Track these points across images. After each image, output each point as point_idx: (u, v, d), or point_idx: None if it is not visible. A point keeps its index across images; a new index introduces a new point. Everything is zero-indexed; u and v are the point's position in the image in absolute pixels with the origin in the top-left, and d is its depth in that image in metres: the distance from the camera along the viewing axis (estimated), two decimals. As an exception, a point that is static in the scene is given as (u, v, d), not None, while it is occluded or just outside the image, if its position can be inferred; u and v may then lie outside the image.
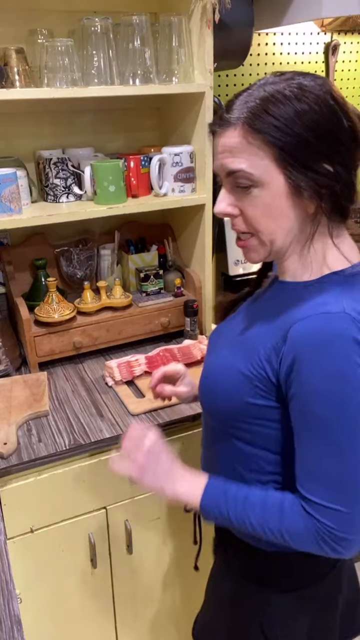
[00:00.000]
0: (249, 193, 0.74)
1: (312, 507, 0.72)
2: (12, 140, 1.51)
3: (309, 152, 0.70)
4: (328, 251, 0.77)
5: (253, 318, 0.85)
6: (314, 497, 0.72)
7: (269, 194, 0.73)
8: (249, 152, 0.72)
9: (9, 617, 0.80)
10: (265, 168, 0.72)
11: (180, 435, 1.27)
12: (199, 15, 1.32)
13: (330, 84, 0.73)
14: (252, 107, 0.71)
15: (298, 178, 0.71)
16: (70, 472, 1.17)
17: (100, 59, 1.29)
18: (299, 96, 0.70)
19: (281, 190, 0.72)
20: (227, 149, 0.74)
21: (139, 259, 1.61)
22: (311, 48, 1.84)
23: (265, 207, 0.74)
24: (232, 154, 0.73)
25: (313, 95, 0.70)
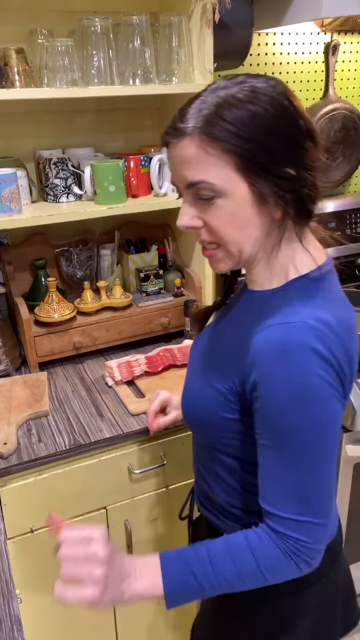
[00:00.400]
0: (213, 204, 0.71)
1: (282, 524, 0.70)
2: (12, 140, 1.51)
3: (270, 158, 0.68)
4: (296, 255, 0.76)
5: (223, 330, 0.84)
6: (284, 513, 0.70)
7: (232, 203, 0.71)
8: (209, 162, 0.69)
9: (9, 617, 0.80)
10: (226, 177, 0.69)
11: (180, 435, 1.27)
12: (199, 15, 1.32)
13: (284, 85, 0.71)
14: (207, 115, 0.68)
15: (261, 185, 0.69)
16: (70, 472, 1.17)
17: (100, 59, 1.29)
18: (253, 99, 0.68)
19: (245, 198, 0.70)
20: (185, 160, 0.70)
21: (139, 259, 1.61)
22: (311, 48, 1.84)
23: (230, 217, 0.72)
24: (191, 165, 0.70)
25: (267, 97, 0.68)
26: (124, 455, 1.22)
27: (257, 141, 0.67)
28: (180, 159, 0.71)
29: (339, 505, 1.43)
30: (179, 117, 0.71)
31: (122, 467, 1.22)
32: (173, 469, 1.29)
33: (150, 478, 1.27)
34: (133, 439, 1.21)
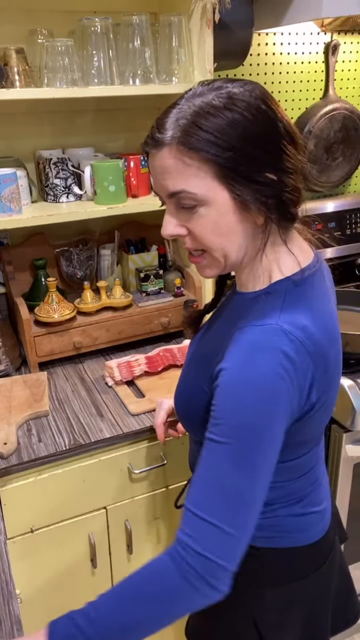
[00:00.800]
0: (195, 212, 0.71)
1: (195, 529, 0.66)
2: (12, 140, 1.51)
3: (250, 164, 0.68)
4: (281, 258, 0.76)
5: (211, 332, 0.86)
6: (206, 514, 0.65)
7: (215, 211, 0.71)
8: (188, 172, 0.69)
9: (9, 617, 0.80)
10: (207, 186, 0.69)
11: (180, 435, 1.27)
12: (199, 15, 1.32)
13: (261, 88, 0.71)
14: (184, 125, 0.68)
15: (243, 192, 0.69)
16: (70, 472, 1.17)
17: (100, 59, 1.29)
18: (229, 105, 0.67)
19: (227, 206, 0.70)
20: (165, 170, 0.70)
21: (139, 259, 1.61)
22: (311, 48, 1.84)
23: (213, 225, 0.72)
24: (171, 175, 0.70)
25: (244, 103, 0.67)
26: (124, 455, 1.22)
27: (235, 149, 0.67)
28: (160, 169, 0.71)
29: (338, 506, 1.43)
30: (156, 127, 0.71)
31: (122, 467, 1.22)
32: (173, 469, 1.29)
33: (150, 478, 1.27)
34: (133, 439, 1.21)
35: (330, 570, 0.93)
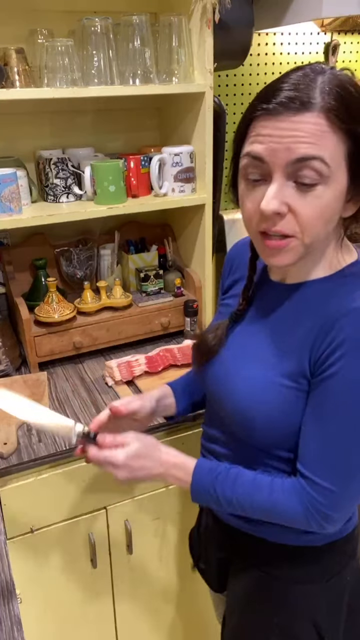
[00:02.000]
0: (311, 191, 0.68)
1: (309, 484, 0.75)
2: (12, 140, 1.51)
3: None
4: (344, 245, 0.78)
5: (270, 327, 0.82)
6: (315, 476, 0.74)
7: (331, 194, 0.68)
8: (331, 142, 0.66)
9: (9, 617, 0.80)
10: (338, 162, 0.67)
11: (180, 435, 1.27)
12: (199, 15, 1.32)
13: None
14: (337, 95, 0.66)
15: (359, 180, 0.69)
16: (70, 472, 1.17)
17: (100, 59, 1.29)
18: (358, 89, 0.69)
19: (342, 191, 0.69)
20: (304, 134, 0.66)
21: (139, 259, 1.61)
22: (311, 48, 1.84)
23: (323, 209, 0.69)
24: (310, 139, 0.66)
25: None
26: (124, 455, 1.22)
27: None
28: (297, 132, 0.66)
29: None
30: (296, 89, 0.67)
31: (122, 467, 1.22)
32: (173, 469, 1.29)
33: (150, 478, 1.27)
34: (133, 439, 1.21)
35: (344, 579, 0.91)
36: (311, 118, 0.66)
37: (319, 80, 0.68)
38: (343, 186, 0.69)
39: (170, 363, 1.41)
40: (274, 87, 0.69)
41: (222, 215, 1.79)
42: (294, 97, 0.67)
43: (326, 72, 0.69)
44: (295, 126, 0.66)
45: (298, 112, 0.66)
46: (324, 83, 0.67)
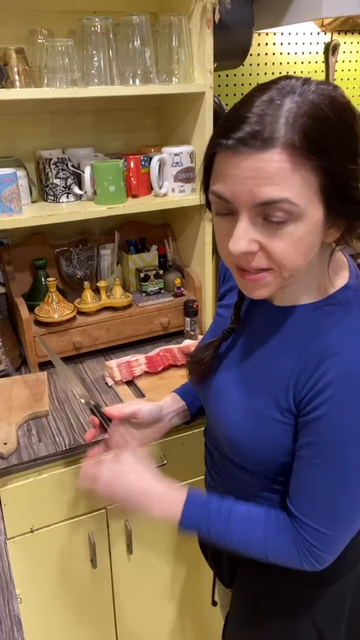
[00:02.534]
0: (282, 228, 0.63)
1: (299, 524, 0.74)
2: (12, 140, 1.51)
3: (351, 178, 0.63)
4: (336, 267, 0.75)
5: (261, 352, 0.80)
6: (305, 518, 0.73)
7: (304, 228, 0.64)
8: (296, 180, 0.61)
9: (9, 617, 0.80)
10: (309, 199, 0.62)
11: (180, 435, 1.27)
12: (199, 15, 1.32)
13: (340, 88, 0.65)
14: (305, 127, 0.60)
15: (338, 210, 0.64)
16: (70, 472, 1.17)
17: (100, 59, 1.29)
18: (335, 110, 0.62)
19: (318, 224, 0.64)
20: (267, 174, 0.61)
21: (139, 259, 1.61)
22: (311, 48, 1.84)
23: (296, 243, 0.64)
24: (274, 180, 0.61)
25: (342, 108, 0.62)
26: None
27: (347, 161, 0.62)
28: (260, 172, 0.61)
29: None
30: (259, 123, 0.61)
31: (122, 467, 1.22)
32: (173, 469, 1.29)
33: (150, 478, 1.27)
34: (133, 439, 1.21)
35: (347, 585, 0.91)
36: (274, 155, 0.60)
37: (285, 107, 0.60)
38: (318, 218, 0.64)
39: (170, 363, 1.41)
40: (234, 117, 0.62)
41: (222, 215, 1.79)
42: (255, 133, 0.60)
43: (296, 92, 0.62)
44: (257, 165, 0.61)
45: (260, 150, 0.60)
46: (290, 111, 0.60)
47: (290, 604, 0.90)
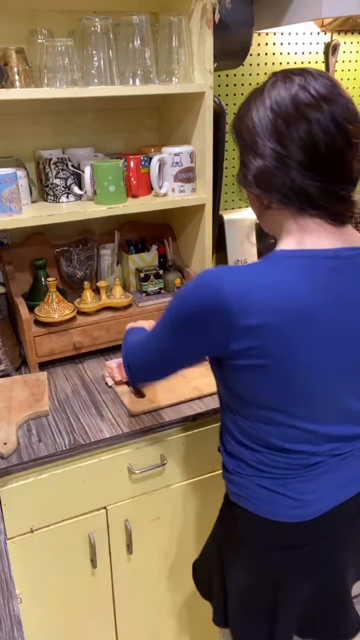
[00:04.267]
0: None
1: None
2: (12, 140, 1.51)
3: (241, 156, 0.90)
4: (288, 237, 0.86)
5: None
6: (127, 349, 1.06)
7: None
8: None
9: (9, 617, 0.80)
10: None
11: (180, 435, 1.27)
12: (199, 15, 1.32)
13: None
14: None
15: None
16: (70, 472, 1.17)
17: (100, 59, 1.29)
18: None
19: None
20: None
21: (139, 259, 1.61)
22: (311, 48, 1.84)
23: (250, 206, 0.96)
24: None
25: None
26: (124, 455, 1.22)
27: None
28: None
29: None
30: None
31: (122, 467, 1.22)
32: (173, 469, 1.29)
33: (150, 478, 1.27)
34: (133, 439, 1.21)
35: (297, 564, 0.96)
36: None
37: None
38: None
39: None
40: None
41: (222, 215, 1.79)
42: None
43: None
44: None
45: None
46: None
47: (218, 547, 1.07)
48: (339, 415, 0.88)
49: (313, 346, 0.80)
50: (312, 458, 0.90)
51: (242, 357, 0.81)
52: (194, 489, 1.34)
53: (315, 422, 0.87)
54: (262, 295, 0.78)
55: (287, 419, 0.86)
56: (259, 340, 0.79)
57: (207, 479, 1.34)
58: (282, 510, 0.93)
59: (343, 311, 0.81)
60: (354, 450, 0.93)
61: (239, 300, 0.77)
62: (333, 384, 0.85)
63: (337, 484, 0.94)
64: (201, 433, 1.29)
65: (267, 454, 0.91)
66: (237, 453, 0.96)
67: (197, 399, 1.29)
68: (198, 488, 1.34)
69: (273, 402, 0.85)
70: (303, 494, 0.92)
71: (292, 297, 0.78)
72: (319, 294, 0.79)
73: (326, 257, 0.81)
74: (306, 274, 0.79)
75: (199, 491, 1.35)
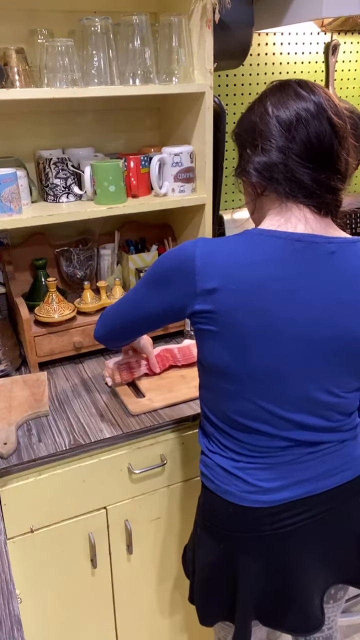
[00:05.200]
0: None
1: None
2: (12, 140, 1.51)
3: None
4: (267, 218, 0.93)
5: None
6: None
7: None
8: None
9: (9, 617, 0.80)
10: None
11: (180, 435, 1.27)
12: (199, 15, 1.32)
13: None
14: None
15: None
16: (70, 472, 1.17)
17: (100, 59, 1.29)
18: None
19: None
20: None
21: (139, 259, 1.61)
22: (311, 48, 1.84)
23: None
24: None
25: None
26: (124, 455, 1.22)
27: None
28: None
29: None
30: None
31: (122, 467, 1.22)
32: (173, 469, 1.29)
33: (150, 478, 1.27)
34: (133, 439, 1.21)
35: (251, 549, 0.99)
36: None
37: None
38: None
39: (171, 364, 1.41)
40: None
41: (222, 215, 1.79)
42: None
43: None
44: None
45: None
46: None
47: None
48: (304, 404, 0.91)
49: (264, 317, 0.85)
50: (272, 441, 0.93)
51: (201, 321, 0.89)
52: (194, 489, 1.34)
53: (274, 403, 0.90)
54: (223, 261, 0.86)
55: (245, 393, 0.90)
56: (214, 304, 0.86)
57: (207, 479, 1.34)
58: (237, 492, 0.97)
59: (301, 291, 0.86)
60: (327, 447, 0.96)
61: (205, 264, 0.86)
62: (292, 365, 0.88)
63: (302, 477, 0.96)
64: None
65: (229, 430, 0.96)
66: (206, 428, 1.03)
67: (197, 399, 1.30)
68: (198, 488, 1.34)
69: (231, 370, 0.90)
70: (261, 480, 0.95)
71: (247, 266, 0.85)
72: (277, 268, 0.85)
73: (292, 240, 0.87)
74: (271, 249, 0.86)
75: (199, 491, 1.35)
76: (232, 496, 0.98)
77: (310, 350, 0.88)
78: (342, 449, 0.98)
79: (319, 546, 1.00)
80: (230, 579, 1.03)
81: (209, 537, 1.04)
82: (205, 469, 1.03)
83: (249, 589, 1.01)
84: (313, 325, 0.87)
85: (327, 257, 0.87)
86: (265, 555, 0.99)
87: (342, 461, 0.98)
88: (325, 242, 0.88)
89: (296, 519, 0.97)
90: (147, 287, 0.97)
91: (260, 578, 1.01)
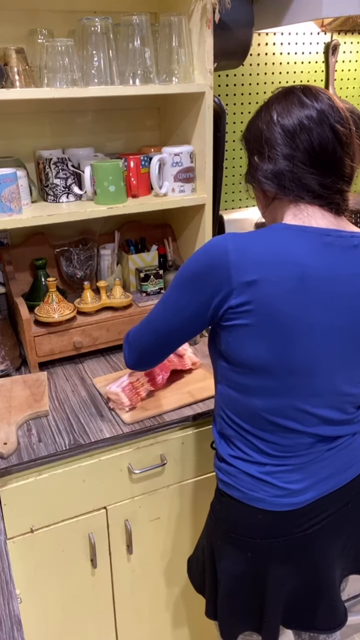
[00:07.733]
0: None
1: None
2: (12, 140, 1.51)
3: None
4: (284, 214, 0.95)
5: None
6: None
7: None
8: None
9: (9, 617, 0.80)
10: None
11: (180, 435, 1.27)
12: (199, 15, 1.32)
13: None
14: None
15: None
16: (70, 472, 1.17)
17: (100, 59, 1.29)
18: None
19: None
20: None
21: (139, 259, 1.61)
22: (311, 48, 1.84)
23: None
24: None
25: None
26: (124, 455, 1.22)
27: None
28: None
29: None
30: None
31: (122, 467, 1.22)
32: (173, 469, 1.29)
33: (150, 478, 1.27)
34: (133, 439, 1.21)
35: (284, 553, 0.98)
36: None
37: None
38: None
39: (171, 369, 1.38)
40: None
41: (222, 215, 1.79)
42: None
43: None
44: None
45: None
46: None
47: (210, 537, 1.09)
48: (328, 397, 0.91)
49: (305, 309, 0.85)
50: (300, 438, 0.93)
51: (235, 317, 0.88)
52: (194, 489, 1.34)
53: (304, 398, 0.90)
54: (259, 252, 0.86)
55: (281, 388, 0.90)
56: (253, 296, 0.85)
57: (207, 479, 1.34)
58: (267, 498, 0.95)
59: (336, 282, 0.87)
60: (343, 441, 0.96)
61: (239, 258, 0.85)
62: (328, 357, 0.89)
63: (324, 474, 0.96)
64: (201, 433, 1.29)
65: (255, 430, 0.94)
66: (225, 432, 1.00)
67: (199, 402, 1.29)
68: (198, 488, 1.35)
69: (268, 365, 0.89)
70: (289, 483, 0.94)
71: (287, 256, 0.85)
72: (313, 260, 0.86)
73: (320, 234, 0.88)
74: (303, 242, 0.87)
75: (199, 491, 1.35)
76: (261, 502, 0.96)
77: (347, 342, 0.89)
78: (353, 442, 0.99)
79: (342, 537, 1.02)
80: (259, 588, 1.01)
81: (234, 547, 1.02)
82: (228, 477, 1.00)
83: (280, 594, 1.00)
84: (350, 317, 0.88)
85: (353, 250, 0.89)
86: (296, 557, 0.99)
87: (355, 453, 1.00)
88: (349, 236, 0.90)
89: (322, 516, 0.98)
90: (178, 291, 0.93)
91: (291, 579, 1.00)
